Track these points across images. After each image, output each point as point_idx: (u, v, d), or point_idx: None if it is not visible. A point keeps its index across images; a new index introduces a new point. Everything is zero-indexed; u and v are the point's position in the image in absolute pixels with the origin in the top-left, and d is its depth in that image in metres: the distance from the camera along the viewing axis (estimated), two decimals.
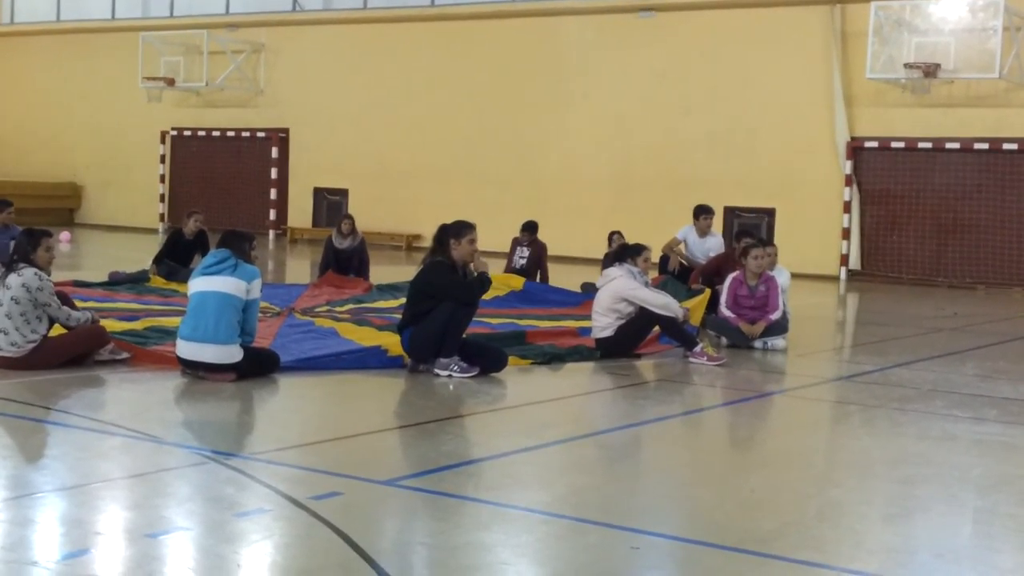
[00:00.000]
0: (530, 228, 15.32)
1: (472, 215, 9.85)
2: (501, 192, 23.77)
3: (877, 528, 5.35)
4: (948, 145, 20.19)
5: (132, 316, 10.57)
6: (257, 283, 8.26)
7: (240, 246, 8.34)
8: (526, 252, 15.29)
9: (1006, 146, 19.71)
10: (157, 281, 13.69)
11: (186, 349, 8.13)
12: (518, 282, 13.91)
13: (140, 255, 16.93)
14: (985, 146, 19.87)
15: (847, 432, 7.93)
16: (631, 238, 13.15)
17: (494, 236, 17.65)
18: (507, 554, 4.74)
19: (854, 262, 20.88)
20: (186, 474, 5.81)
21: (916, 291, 19.21)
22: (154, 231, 27.48)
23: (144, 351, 8.84)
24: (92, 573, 4.31)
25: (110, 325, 9.23)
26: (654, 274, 13.08)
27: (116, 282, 13.63)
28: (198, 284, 8.22)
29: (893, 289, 19.45)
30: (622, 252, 10.66)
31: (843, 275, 20.83)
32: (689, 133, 22.22)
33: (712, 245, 14.11)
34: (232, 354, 8.08)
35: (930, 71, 19.66)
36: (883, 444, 7.28)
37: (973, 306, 16.78)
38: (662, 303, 10.07)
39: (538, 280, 14.94)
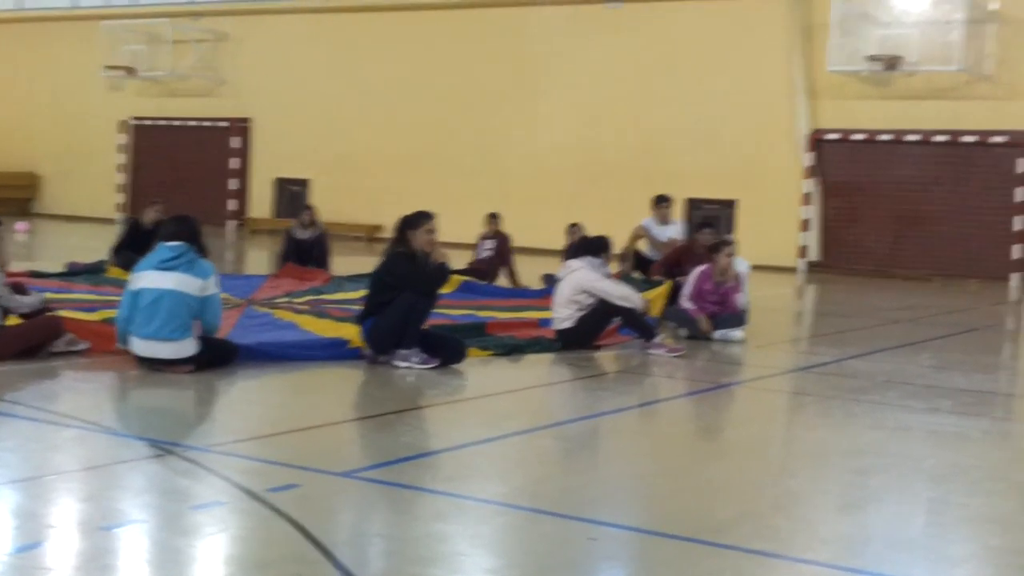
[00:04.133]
0: (494, 217, 15.49)
1: (436, 206, 9.85)
2: (465, 183, 23.75)
3: (832, 518, 5.40)
4: (908, 137, 20.38)
5: (89, 307, 10.48)
6: (213, 279, 8.17)
7: (198, 239, 8.23)
8: (491, 244, 15.34)
9: (965, 138, 19.92)
10: (115, 272, 13.56)
11: (141, 347, 8.03)
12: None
13: (98, 245, 16.79)
14: (944, 138, 20.06)
15: (803, 423, 7.99)
16: (594, 229, 13.18)
17: (458, 227, 17.64)
18: (464, 545, 4.74)
19: (814, 253, 21.03)
20: (141, 466, 5.77)
21: (873, 282, 19.37)
22: (112, 221, 27.24)
23: (103, 328, 8.77)
24: (46, 566, 4.28)
25: (66, 316, 9.13)
26: (616, 266, 13.13)
27: (74, 273, 13.52)
28: (151, 279, 8.02)
29: (851, 280, 19.61)
30: (584, 245, 10.71)
31: (803, 266, 20.97)
32: (653, 124, 22.29)
33: (672, 231, 14.36)
34: (188, 348, 8.02)
35: (892, 64, 19.82)
36: (838, 434, 7.35)
37: (929, 297, 16.94)
38: (622, 294, 10.12)
39: (503, 272, 15.01)
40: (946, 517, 5.48)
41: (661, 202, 14.48)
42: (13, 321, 8.45)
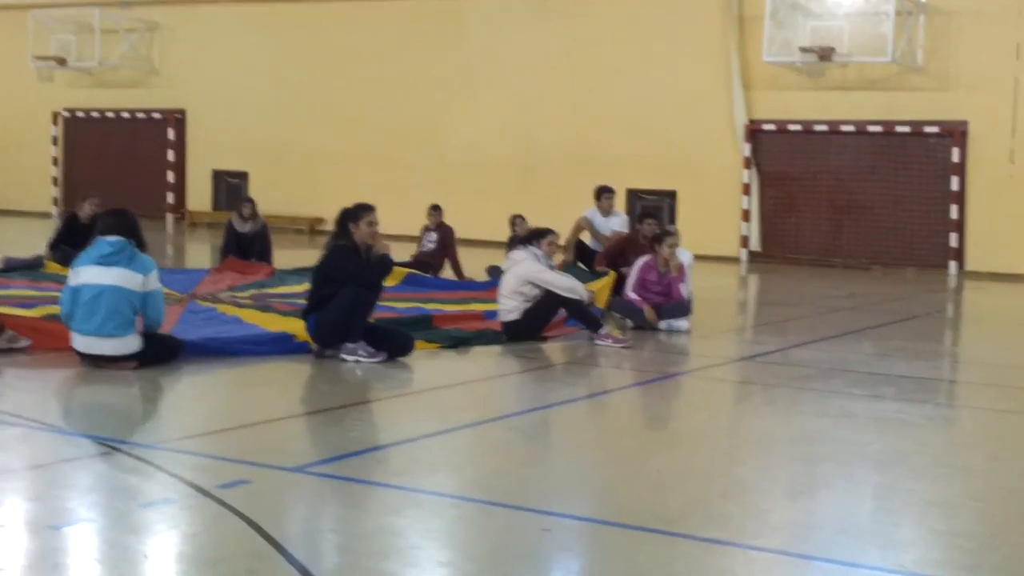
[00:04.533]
0: (437, 209, 15.44)
1: (376, 198, 9.82)
2: (405, 174, 23.67)
3: (781, 505, 5.46)
4: (843, 128, 20.61)
5: (28, 303, 10.31)
6: (154, 275, 8.07)
7: (138, 234, 8.13)
8: (434, 237, 15.31)
9: (899, 128, 20.18)
10: (52, 267, 13.36)
11: (83, 343, 7.92)
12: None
13: (34, 240, 16.51)
14: (879, 128, 20.31)
15: (750, 411, 8.07)
16: (535, 220, 13.21)
17: (399, 219, 17.56)
18: (417, 538, 4.74)
19: (754, 243, 21.21)
20: (89, 464, 5.70)
21: (813, 271, 19.60)
22: (47, 215, 26.81)
23: (44, 325, 8.66)
24: None
25: (6, 312, 8.98)
26: (560, 257, 13.16)
27: (10, 268, 13.28)
28: (91, 274, 7.91)
29: (792, 270, 19.82)
30: (530, 236, 10.74)
31: (744, 256, 21.15)
32: (592, 115, 22.34)
33: (616, 223, 14.35)
34: (131, 344, 7.92)
35: (825, 55, 20.04)
36: (784, 422, 7.43)
37: (869, 286, 17.18)
38: (568, 285, 10.14)
39: (446, 264, 14.98)
40: (893, 503, 5.56)
41: (604, 193, 14.47)
42: None
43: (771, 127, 21.16)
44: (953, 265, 19.75)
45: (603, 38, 22.29)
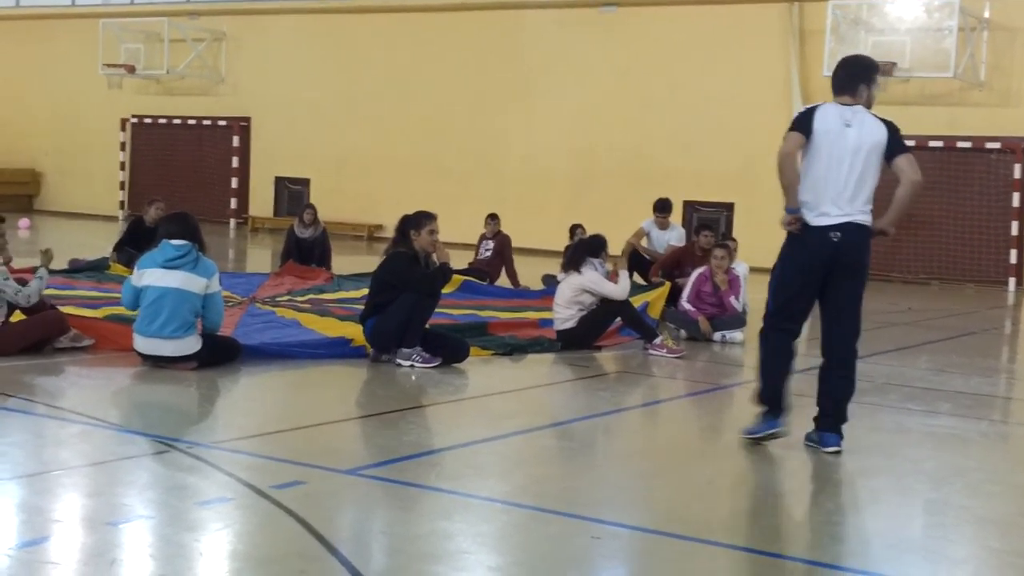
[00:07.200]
0: (494, 218, 15.50)
1: (433, 206, 9.88)
2: (462, 184, 23.78)
3: (832, 518, 5.44)
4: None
5: (92, 304, 10.51)
6: (216, 278, 8.21)
7: (200, 237, 8.27)
8: (491, 245, 15.39)
9: (960, 144, 19.95)
10: (117, 269, 13.59)
11: (144, 344, 8.07)
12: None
13: (100, 242, 16.82)
14: (939, 144, 20.08)
15: (803, 424, 7.99)
16: (591, 231, 13.18)
17: (456, 227, 17.65)
18: (468, 543, 4.78)
19: None
20: (147, 462, 5.81)
21: (871, 286, 19.29)
22: (114, 219, 27.26)
23: (107, 325, 8.83)
24: (51, 560, 4.31)
25: (70, 312, 9.17)
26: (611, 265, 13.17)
27: (76, 269, 13.54)
28: (156, 276, 8.05)
29: None
30: (583, 246, 10.79)
31: None
32: (649, 127, 22.31)
33: (673, 237, 14.31)
34: (191, 345, 8.05)
35: (886, 70, 19.85)
36: None
37: (927, 301, 16.99)
38: (625, 290, 10.25)
39: (503, 273, 15.04)
40: (946, 519, 5.52)
41: (659, 209, 14.40)
42: (18, 317, 8.48)
43: None
44: (1012, 282, 19.47)
45: (661, 52, 22.26)
